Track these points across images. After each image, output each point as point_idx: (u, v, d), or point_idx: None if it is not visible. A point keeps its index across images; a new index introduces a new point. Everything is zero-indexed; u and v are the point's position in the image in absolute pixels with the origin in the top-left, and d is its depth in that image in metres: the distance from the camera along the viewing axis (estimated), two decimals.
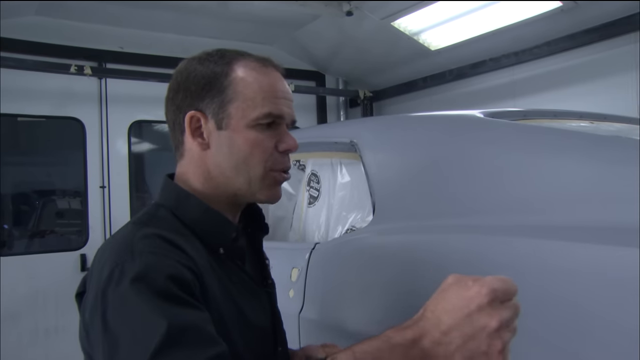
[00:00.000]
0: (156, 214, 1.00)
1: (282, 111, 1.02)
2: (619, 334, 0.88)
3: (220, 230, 1.02)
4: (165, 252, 0.88)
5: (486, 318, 0.69)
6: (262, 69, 1.03)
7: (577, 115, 1.88)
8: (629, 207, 1.01)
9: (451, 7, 3.82)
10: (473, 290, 0.70)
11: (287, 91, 1.05)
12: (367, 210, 1.66)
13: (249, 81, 1.01)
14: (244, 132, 1.00)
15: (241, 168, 1.01)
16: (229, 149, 1.01)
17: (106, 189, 4.32)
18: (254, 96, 1.00)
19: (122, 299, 0.82)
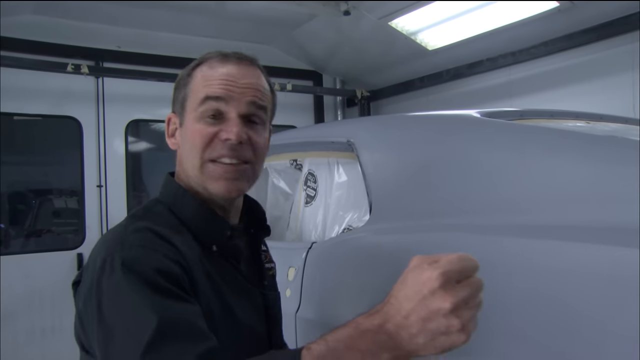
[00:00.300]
0: (153, 209, 1.03)
1: (218, 93, 1.00)
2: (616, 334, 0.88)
3: (214, 228, 1.03)
4: (153, 246, 0.90)
5: (439, 301, 0.71)
6: (219, 63, 1.04)
7: (573, 115, 1.88)
8: (625, 207, 1.02)
9: (448, 7, 3.82)
10: (426, 275, 0.72)
11: (240, 78, 1.02)
12: (364, 210, 1.66)
13: (201, 77, 1.03)
14: (190, 125, 1.02)
15: (189, 160, 1.03)
16: (183, 144, 1.04)
17: (103, 188, 4.31)
18: (198, 87, 1.03)
19: (115, 289, 0.85)
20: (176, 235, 0.96)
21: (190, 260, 0.94)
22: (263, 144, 1.07)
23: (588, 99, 3.52)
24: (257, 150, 1.04)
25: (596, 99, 3.48)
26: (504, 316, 1.03)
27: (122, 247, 0.89)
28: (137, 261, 0.87)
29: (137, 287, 0.84)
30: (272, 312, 1.15)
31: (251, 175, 1.05)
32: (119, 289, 0.85)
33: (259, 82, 1.06)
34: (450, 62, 4.45)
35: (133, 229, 0.94)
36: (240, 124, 1.00)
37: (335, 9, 4.14)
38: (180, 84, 1.06)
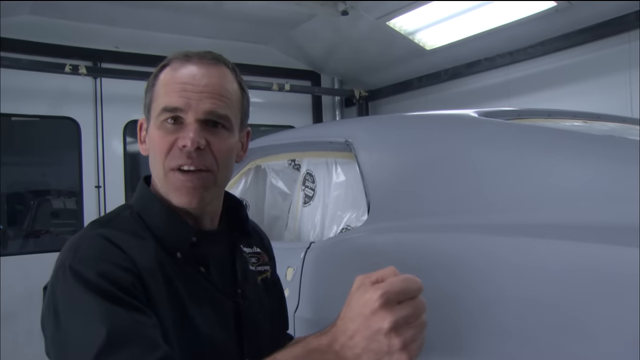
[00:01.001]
0: (120, 214, 1.01)
1: (175, 103, 0.96)
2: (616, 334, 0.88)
3: (178, 233, 0.99)
4: (104, 254, 0.89)
5: (379, 321, 0.73)
6: (181, 64, 0.99)
7: (570, 114, 1.89)
8: (623, 206, 1.02)
9: (446, 7, 3.82)
10: (367, 295, 0.75)
11: (200, 83, 0.97)
12: (362, 210, 1.66)
13: (163, 81, 0.99)
14: (153, 132, 0.99)
15: (153, 168, 1.00)
16: (150, 151, 1.01)
17: (101, 188, 4.31)
18: (158, 94, 0.99)
19: (67, 298, 0.86)
20: (136, 241, 0.93)
21: (145, 268, 0.91)
22: (226, 149, 1.00)
23: (585, 99, 3.53)
24: (220, 156, 0.99)
25: (593, 98, 3.49)
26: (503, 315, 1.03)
27: (75, 255, 0.88)
28: (87, 269, 0.86)
29: (87, 296, 0.84)
30: (248, 320, 1.06)
31: (212, 183, 0.99)
32: (69, 298, 0.85)
33: (221, 84, 0.99)
34: (448, 62, 4.46)
35: (89, 236, 0.92)
36: (197, 129, 0.95)
37: (333, 9, 4.15)
38: (148, 87, 1.03)
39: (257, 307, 1.10)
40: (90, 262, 0.87)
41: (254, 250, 1.19)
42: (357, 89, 5.41)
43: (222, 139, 0.99)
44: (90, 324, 0.82)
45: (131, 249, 0.91)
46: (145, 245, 0.94)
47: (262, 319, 1.11)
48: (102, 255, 0.89)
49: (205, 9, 4.12)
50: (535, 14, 3.57)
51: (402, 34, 4.29)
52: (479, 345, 1.06)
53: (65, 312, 0.85)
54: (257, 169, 2.31)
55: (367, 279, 0.78)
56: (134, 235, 0.95)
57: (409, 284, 0.76)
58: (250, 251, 1.18)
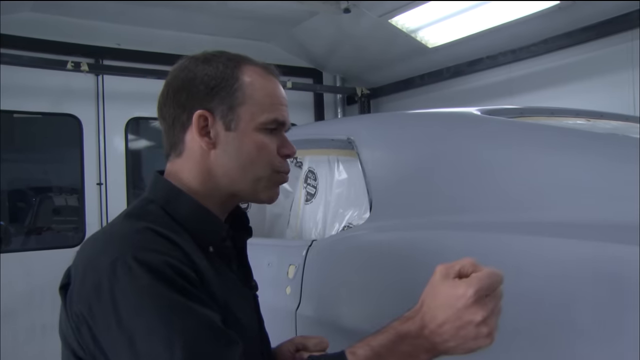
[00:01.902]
0: (146, 208, 0.99)
1: (285, 118, 1.07)
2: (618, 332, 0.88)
3: (211, 228, 1.02)
4: (163, 248, 0.88)
5: (472, 314, 0.81)
6: (267, 75, 1.08)
7: (573, 113, 1.88)
8: (626, 205, 1.02)
9: (448, 5, 3.82)
10: (460, 291, 0.82)
11: (286, 98, 1.10)
12: (364, 207, 1.66)
13: (257, 86, 1.04)
14: (251, 134, 1.03)
15: (248, 169, 1.03)
16: (237, 150, 1.03)
17: (103, 186, 4.31)
18: (262, 101, 1.04)
19: (137, 293, 0.83)
20: (176, 236, 0.93)
21: (198, 262, 0.92)
22: None
23: (588, 97, 3.52)
24: None
25: (596, 96, 3.48)
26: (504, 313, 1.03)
27: (134, 248, 0.86)
28: (156, 263, 0.85)
29: (161, 290, 0.83)
30: (260, 313, 1.16)
31: None
32: (141, 292, 0.83)
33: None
34: (450, 60, 4.45)
35: (136, 229, 0.91)
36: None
37: (336, 7, 4.14)
38: (223, 85, 1.02)
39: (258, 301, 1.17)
40: (155, 254, 0.86)
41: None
42: (359, 86, 5.40)
43: None
44: (170, 317, 0.81)
45: (181, 244, 0.92)
46: (185, 239, 0.95)
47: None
48: (161, 248, 0.88)
49: (208, 6, 4.11)
50: (538, 12, 3.56)
51: (404, 31, 4.29)
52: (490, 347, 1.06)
53: (138, 306, 0.83)
54: None
55: (450, 269, 0.85)
56: (170, 229, 0.94)
57: (495, 277, 0.83)
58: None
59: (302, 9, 4.25)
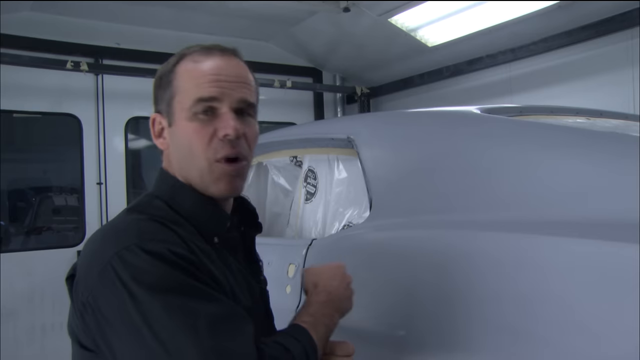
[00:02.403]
0: (151, 203, 1.00)
1: (212, 93, 0.98)
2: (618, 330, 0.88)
3: (214, 219, 1.02)
4: (167, 237, 0.90)
5: (347, 278, 1.15)
6: (204, 57, 1.01)
7: (573, 111, 1.88)
8: (626, 203, 1.02)
9: (448, 4, 3.82)
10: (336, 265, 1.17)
11: (228, 73, 1.00)
12: (364, 206, 1.66)
13: (186, 74, 1.00)
14: (183, 124, 0.99)
15: (188, 162, 1.00)
16: (176, 144, 1.01)
17: (103, 185, 4.31)
18: (187, 86, 0.99)
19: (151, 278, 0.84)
20: (181, 229, 0.94)
21: (201, 249, 0.94)
22: (255, 136, 1.05)
23: (587, 95, 3.52)
24: (251, 145, 1.03)
25: (595, 95, 3.48)
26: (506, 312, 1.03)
27: (138, 238, 0.88)
28: (161, 251, 0.86)
29: (170, 274, 0.85)
30: (270, 309, 1.16)
31: (247, 172, 1.05)
32: (150, 277, 0.84)
33: (247, 76, 1.04)
34: (450, 59, 4.45)
35: (140, 219, 0.93)
36: (234, 117, 0.98)
37: (335, 6, 4.14)
38: (163, 83, 1.02)
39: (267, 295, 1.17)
40: (158, 243, 0.88)
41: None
42: (358, 85, 5.41)
43: (251, 126, 1.03)
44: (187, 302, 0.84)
45: (185, 235, 0.93)
46: (190, 232, 0.96)
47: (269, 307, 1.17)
48: (164, 237, 0.90)
49: (207, 5, 4.11)
50: (537, 10, 3.56)
51: (404, 30, 4.29)
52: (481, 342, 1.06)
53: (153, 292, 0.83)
54: (259, 166, 2.31)
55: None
56: (175, 222, 0.95)
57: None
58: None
59: (302, 8, 4.25)
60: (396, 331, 1.26)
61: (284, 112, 5.09)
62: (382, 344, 1.25)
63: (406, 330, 1.23)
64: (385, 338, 1.26)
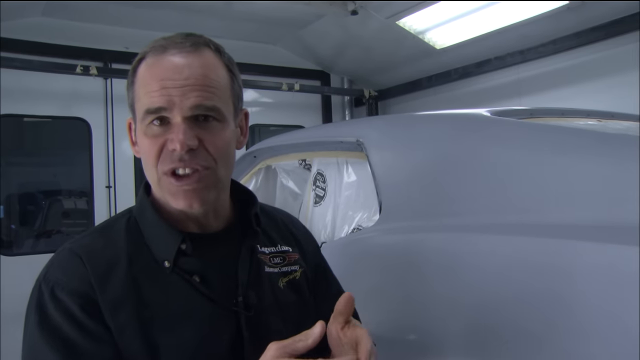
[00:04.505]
0: (115, 222, 0.98)
1: (156, 103, 0.87)
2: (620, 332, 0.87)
3: (165, 242, 0.93)
4: (68, 274, 0.90)
5: None
6: (157, 58, 0.90)
7: (584, 113, 1.87)
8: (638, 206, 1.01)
9: (456, 6, 3.81)
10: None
11: (180, 76, 0.88)
12: (374, 210, 1.66)
13: (140, 79, 0.91)
14: (140, 136, 0.92)
15: (147, 174, 0.94)
16: (141, 154, 0.95)
17: (112, 188, 4.33)
18: (140, 95, 0.90)
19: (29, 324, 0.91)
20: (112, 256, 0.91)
21: (110, 288, 0.88)
22: (222, 143, 0.92)
23: (597, 97, 3.50)
24: (216, 152, 0.91)
25: (605, 97, 3.46)
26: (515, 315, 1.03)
27: (45, 272, 0.93)
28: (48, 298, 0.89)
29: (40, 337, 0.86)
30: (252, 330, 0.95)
31: (214, 181, 0.92)
32: (27, 325, 0.91)
33: (205, 73, 0.90)
34: (458, 61, 4.44)
35: (65, 249, 0.94)
36: (185, 129, 0.87)
37: (343, 9, 4.14)
38: (128, 85, 0.94)
39: (273, 314, 1.00)
40: (58, 278, 0.90)
41: (278, 249, 1.07)
42: (366, 88, 5.40)
43: (215, 133, 0.90)
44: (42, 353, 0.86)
45: (102, 267, 0.90)
46: (124, 260, 0.91)
47: (282, 326, 0.99)
48: (66, 277, 0.90)
49: (214, 9, 4.13)
50: (546, 12, 3.55)
51: (412, 33, 4.28)
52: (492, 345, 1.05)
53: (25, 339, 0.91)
54: (268, 169, 2.31)
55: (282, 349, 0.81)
56: (117, 248, 0.93)
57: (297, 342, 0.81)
58: (274, 250, 1.06)
59: (309, 11, 4.25)
60: (406, 335, 1.25)
61: (292, 115, 5.10)
62: (392, 347, 1.24)
63: (416, 334, 1.23)
64: (394, 342, 1.26)
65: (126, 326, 0.87)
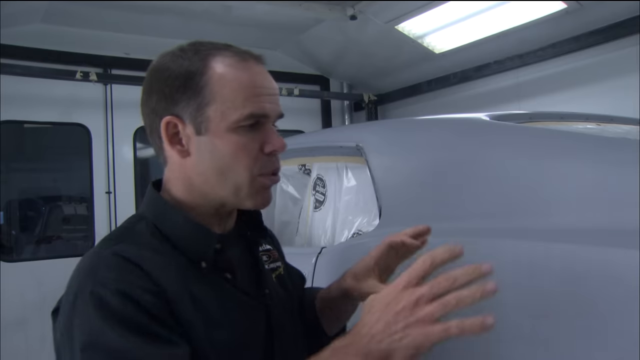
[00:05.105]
0: (134, 227, 0.96)
1: (265, 110, 0.93)
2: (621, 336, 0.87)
3: (200, 242, 0.95)
4: (124, 276, 0.84)
5: (395, 304, 0.77)
6: (241, 63, 0.94)
7: (583, 117, 1.87)
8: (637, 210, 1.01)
9: (455, 10, 3.82)
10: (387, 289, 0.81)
11: (270, 86, 0.96)
12: (374, 214, 1.66)
13: (227, 79, 0.92)
14: (225, 136, 0.92)
15: (226, 175, 0.93)
16: (211, 156, 0.93)
17: (112, 194, 4.34)
18: (233, 96, 0.92)
19: (88, 329, 0.81)
20: (157, 257, 0.89)
21: (170, 288, 0.87)
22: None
23: (596, 101, 3.50)
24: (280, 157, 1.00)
25: (604, 100, 3.46)
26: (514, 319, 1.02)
27: (94, 278, 0.84)
28: (110, 295, 0.82)
29: (112, 330, 0.79)
30: (276, 321, 1.04)
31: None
32: (91, 331, 0.80)
33: (277, 87, 0.99)
34: (457, 65, 4.45)
35: (104, 255, 0.88)
36: (276, 132, 0.96)
37: (342, 14, 4.15)
38: (189, 84, 0.92)
39: (280, 307, 1.07)
40: (111, 286, 0.82)
41: (264, 247, 1.15)
42: (366, 93, 5.41)
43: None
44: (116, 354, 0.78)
45: (153, 267, 0.87)
46: (167, 260, 0.90)
47: (286, 318, 1.08)
48: (122, 277, 0.84)
49: (214, 14, 4.14)
50: (545, 16, 3.56)
51: (411, 37, 4.29)
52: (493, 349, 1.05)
53: (87, 346, 0.80)
54: None
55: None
56: (153, 250, 0.90)
57: (422, 265, 0.81)
58: (261, 249, 1.13)
59: (309, 17, 4.27)
60: None
61: (292, 120, 5.10)
62: None
63: None
64: None
65: (191, 322, 0.88)
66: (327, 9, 4.15)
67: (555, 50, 3.78)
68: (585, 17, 3.49)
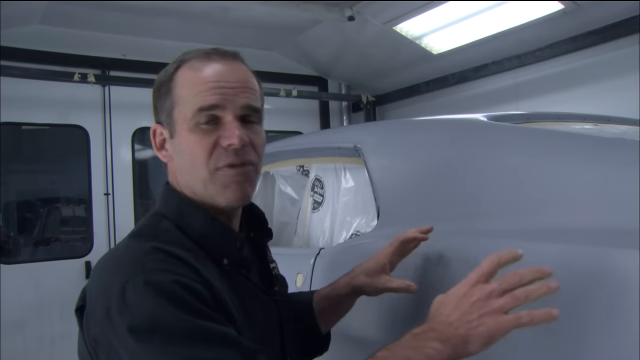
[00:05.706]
0: (159, 225, 0.96)
1: (212, 101, 0.94)
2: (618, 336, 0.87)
3: (224, 241, 0.98)
4: (176, 268, 0.85)
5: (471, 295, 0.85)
6: (202, 63, 0.97)
7: (581, 117, 1.88)
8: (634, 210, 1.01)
9: (453, 11, 3.82)
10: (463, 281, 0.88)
11: (231, 79, 0.96)
12: (372, 215, 1.66)
13: (187, 82, 0.96)
14: (185, 135, 0.95)
15: (192, 173, 0.96)
16: (179, 156, 0.98)
17: (110, 196, 4.33)
18: (187, 95, 0.95)
19: (150, 315, 0.81)
20: (189, 254, 0.90)
21: (212, 280, 0.89)
22: (263, 143, 1.01)
23: (594, 101, 3.50)
24: (259, 151, 0.99)
25: (602, 101, 3.46)
26: None
27: (144, 270, 0.84)
28: (167, 285, 0.82)
29: (173, 313, 0.80)
30: (286, 318, 1.10)
31: (255, 178, 1.00)
32: (152, 316, 0.80)
33: (250, 80, 0.99)
34: (455, 66, 4.45)
35: (145, 250, 0.88)
36: (239, 126, 0.94)
37: (340, 15, 4.15)
38: (162, 92, 0.99)
39: (285, 304, 1.12)
40: (165, 275, 0.83)
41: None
42: (364, 94, 5.41)
43: (257, 133, 0.99)
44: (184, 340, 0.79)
45: (194, 262, 0.89)
46: (198, 256, 0.92)
47: (289, 316, 1.13)
48: (173, 268, 0.85)
49: (211, 16, 4.14)
50: (543, 16, 3.56)
51: (409, 38, 4.29)
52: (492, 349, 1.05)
53: (152, 330, 0.80)
54: (266, 175, 2.31)
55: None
56: (183, 247, 0.91)
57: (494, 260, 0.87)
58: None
59: (306, 18, 4.27)
60: None
61: (290, 121, 5.10)
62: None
63: None
64: None
65: (233, 317, 0.90)
66: (325, 10, 4.15)
67: (553, 50, 3.79)
68: (582, 18, 3.49)
